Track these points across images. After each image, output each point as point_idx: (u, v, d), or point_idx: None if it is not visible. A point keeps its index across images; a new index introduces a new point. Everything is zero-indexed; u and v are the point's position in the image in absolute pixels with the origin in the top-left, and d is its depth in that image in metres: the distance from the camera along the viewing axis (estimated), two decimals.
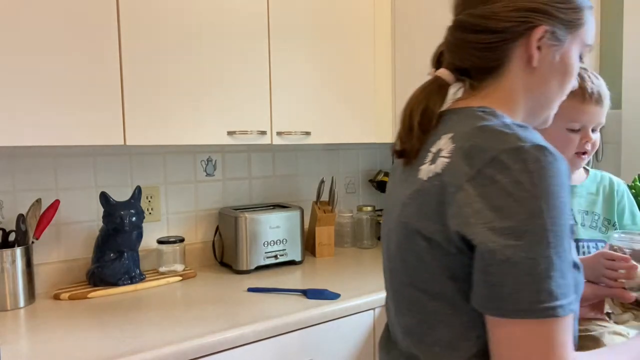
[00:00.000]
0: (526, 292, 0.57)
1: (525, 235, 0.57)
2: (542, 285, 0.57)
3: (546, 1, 0.70)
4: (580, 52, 0.75)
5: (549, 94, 0.75)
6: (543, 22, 0.69)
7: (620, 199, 1.09)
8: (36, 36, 1.19)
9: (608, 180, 1.11)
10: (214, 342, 1.13)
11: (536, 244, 0.57)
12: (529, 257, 0.57)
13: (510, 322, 0.59)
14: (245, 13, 1.51)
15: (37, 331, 1.18)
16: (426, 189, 0.67)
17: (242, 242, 1.68)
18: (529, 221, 0.57)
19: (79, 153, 1.57)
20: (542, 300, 0.57)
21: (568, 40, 0.72)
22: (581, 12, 0.73)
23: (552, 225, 0.58)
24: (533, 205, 0.58)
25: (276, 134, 1.60)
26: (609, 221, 1.08)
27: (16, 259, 1.36)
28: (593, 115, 1.03)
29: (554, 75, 0.73)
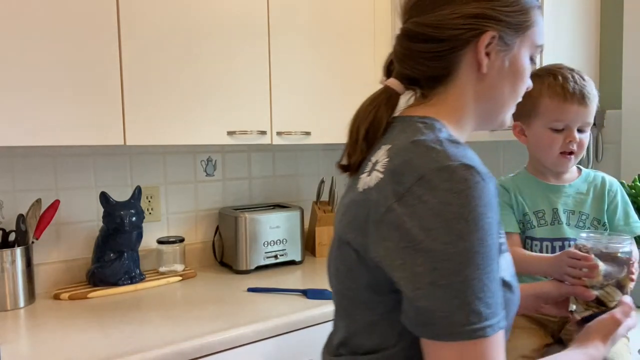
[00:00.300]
0: (455, 315, 0.57)
1: (454, 257, 0.57)
2: (471, 307, 0.57)
3: (492, 6, 0.68)
4: (531, 54, 0.74)
5: (501, 99, 0.74)
6: (490, 28, 0.68)
7: (612, 199, 1.08)
8: (36, 36, 1.19)
9: (600, 179, 1.10)
10: (214, 342, 1.13)
11: (464, 266, 0.57)
12: (457, 280, 0.57)
13: (442, 345, 0.59)
14: (245, 13, 1.51)
15: (37, 331, 1.18)
16: (359, 201, 0.66)
17: (242, 242, 1.68)
18: (457, 243, 0.57)
19: (79, 153, 1.57)
20: (471, 321, 0.57)
21: (517, 43, 0.71)
22: (528, 13, 0.71)
23: (479, 246, 0.57)
24: (460, 227, 0.57)
25: (276, 134, 1.60)
26: (599, 221, 1.07)
27: (16, 259, 1.36)
28: (576, 115, 1.03)
29: (505, 80, 0.72)
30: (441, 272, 0.57)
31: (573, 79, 1.03)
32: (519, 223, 1.11)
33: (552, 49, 1.43)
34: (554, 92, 1.03)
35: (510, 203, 1.11)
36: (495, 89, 0.72)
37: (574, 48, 1.53)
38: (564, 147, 1.04)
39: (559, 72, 1.04)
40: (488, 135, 1.54)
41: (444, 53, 0.69)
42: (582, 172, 1.12)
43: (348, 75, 1.74)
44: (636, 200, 1.27)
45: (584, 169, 1.13)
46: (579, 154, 1.06)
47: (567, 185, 1.10)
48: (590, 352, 0.77)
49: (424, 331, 0.60)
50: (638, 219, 1.08)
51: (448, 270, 0.57)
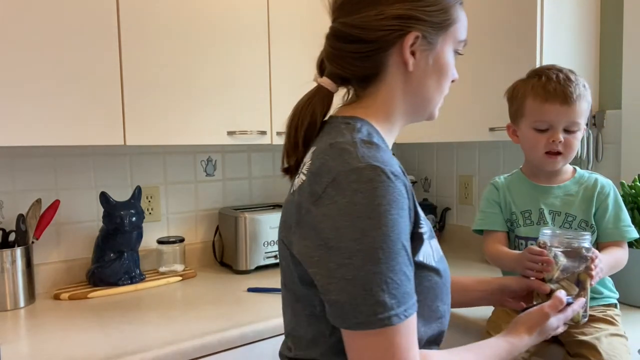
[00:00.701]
0: (363, 306, 0.62)
1: (359, 253, 0.61)
2: (376, 298, 0.61)
3: (415, 7, 0.70)
4: (455, 49, 0.77)
5: (427, 94, 0.77)
6: (413, 29, 0.71)
7: (602, 201, 1.07)
8: (36, 37, 1.19)
9: (593, 181, 1.09)
10: (214, 342, 1.13)
11: (367, 261, 0.61)
12: (361, 274, 0.61)
13: (354, 334, 0.64)
14: (245, 13, 1.51)
15: (37, 331, 1.18)
16: (289, 202, 0.72)
17: (242, 242, 1.68)
18: (362, 240, 0.61)
19: (79, 153, 1.57)
20: (377, 312, 0.61)
21: (440, 41, 0.74)
22: (449, 11, 0.73)
23: (382, 242, 0.62)
24: (364, 225, 0.61)
25: (276, 134, 1.60)
26: (587, 222, 1.07)
27: (16, 259, 1.36)
28: (557, 115, 1.02)
29: (430, 77, 0.75)
30: (348, 267, 0.62)
31: (557, 78, 1.02)
32: (506, 221, 1.14)
33: (552, 49, 1.43)
34: (536, 93, 1.04)
35: (499, 201, 1.15)
36: (422, 85, 0.75)
37: (574, 48, 1.53)
38: (548, 147, 1.04)
39: (545, 72, 1.05)
40: (488, 135, 1.54)
41: (371, 54, 0.72)
42: (576, 173, 1.11)
43: None
44: (636, 200, 1.27)
45: (580, 171, 1.12)
46: (567, 155, 1.06)
47: (555, 187, 1.10)
48: (513, 341, 0.81)
49: (338, 322, 0.65)
50: (631, 223, 1.08)
51: (354, 266, 0.62)
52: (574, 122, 1.03)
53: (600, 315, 1.04)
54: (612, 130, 1.59)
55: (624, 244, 1.07)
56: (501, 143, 1.89)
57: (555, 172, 1.11)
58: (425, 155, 2.20)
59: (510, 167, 1.89)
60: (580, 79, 1.04)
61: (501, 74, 1.51)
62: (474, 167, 2.01)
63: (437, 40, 0.73)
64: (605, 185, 1.09)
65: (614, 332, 0.99)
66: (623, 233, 1.06)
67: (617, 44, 1.58)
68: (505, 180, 1.17)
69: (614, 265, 1.03)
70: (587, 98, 1.03)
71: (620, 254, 1.05)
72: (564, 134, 1.03)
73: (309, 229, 0.66)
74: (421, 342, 0.72)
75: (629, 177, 1.48)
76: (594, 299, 1.07)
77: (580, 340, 0.98)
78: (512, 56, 1.47)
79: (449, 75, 0.77)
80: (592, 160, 1.62)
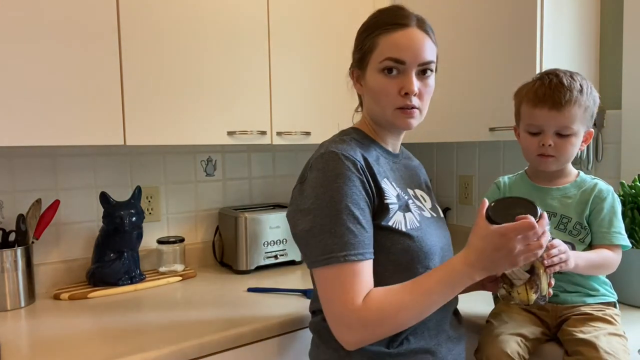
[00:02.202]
0: (314, 248, 0.88)
1: (314, 211, 0.88)
2: (323, 243, 0.86)
3: (352, 53, 1.03)
4: (382, 68, 0.94)
5: (373, 111, 1.01)
6: (351, 67, 1.04)
7: (597, 204, 1.08)
8: (36, 37, 1.19)
9: (592, 186, 1.10)
10: (214, 342, 1.13)
11: (319, 217, 0.87)
12: (315, 227, 0.87)
13: (314, 272, 0.90)
14: (245, 13, 1.51)
15: (37, 331, 1.18)
16: None
17: (242, 242, 1.68)
18: (315, 202, 0.88)
19: (79, 153, 1.57)
20: (323, 252, 0.86)
21: (368, 69, 0.98)
22: (363, 47, 0.98)
23: (329, 203, 0.87)
24: (317, 192, 0.89)
25: (276, 134, 1.60)
26: (581, 225, 1.08)
27: (16, 259, 1.36)
28: (547, 120, 1.04)
29: (368, 98, 1.00)
30: (307, 222, 0.89)
31: (549, 84, 1.04)
32: None
33: (552, 49, 1.43)
34: (528, 98, 1.07)
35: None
36: (368, 104, 1.02)
37: (574, 48, 1.53)
38: (539, 150, 1.07)
39: (542, 76, 1.07)
40: (488, 135, 1.54)
41: (353, 87, 1.06)
42: (578, 177, 1.12)
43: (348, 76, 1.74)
44: (636, 200, 1.27)
45: (583, 175, 1.13)
46: (560, 157, 1.07)
47: (554, 189, 1.12)
48: (449, 265, 0.88)
49: (306, 263, 0.91)
50: (623, 231, 1.08)
51: (310, 220, 0.88)
52: (565, 126, 1.04)
53: (600, 315, 1.04)
54: (612, 130, 1.59)
55: (617, 249, 1.07)
56: (501, 143, 1.90)
57: (557, 174, 1.12)
58: (425, 155, 2.20)
59: (510, 167, 1.89)
60: (575, 83, 1.03)
61: (501, 75, 1.51)
62: (474, 167, 2.01)
63: (365, 70, 0.98)
64: (603, 189, 1.09)
65: (613, 332, 1.00)
66: (613, 238, 1.06)
67: (617, 44, 1.58)
68: (508, 181, 1.20)
69: (598, 265, 1.04)
70: (581, 102, 1.03)
71: (608, 255, 1.05)
72: (557, 137, 1.05)
73: (293, 201, 0.95)
74: None
75: (629, 177, 1.48)
76: (590, 296, 1.08)
77: (579, 338, 0.98)
78: (512, 56, 1.47)
79: (377, 93, 0.96)
80: (592, 160, 1.62)
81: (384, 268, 0.92)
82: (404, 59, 0.93)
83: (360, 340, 0.87)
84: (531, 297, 0.93)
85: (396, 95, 0.94)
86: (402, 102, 0.94)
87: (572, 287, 1.09)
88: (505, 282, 0.95)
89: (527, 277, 0.93)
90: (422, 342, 0.94)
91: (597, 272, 1.07)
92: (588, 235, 1.08)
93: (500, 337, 1.01)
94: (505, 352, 0.98)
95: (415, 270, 0.93)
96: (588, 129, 1.08)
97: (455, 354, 0.99)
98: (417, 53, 0.93)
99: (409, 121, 0.96)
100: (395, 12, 0.97)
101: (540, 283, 0.92)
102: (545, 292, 0.94)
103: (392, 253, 0.92)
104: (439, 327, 0.97)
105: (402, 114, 0.95)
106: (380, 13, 1.00)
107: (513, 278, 0.94)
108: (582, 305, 1.07)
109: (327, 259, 0.85)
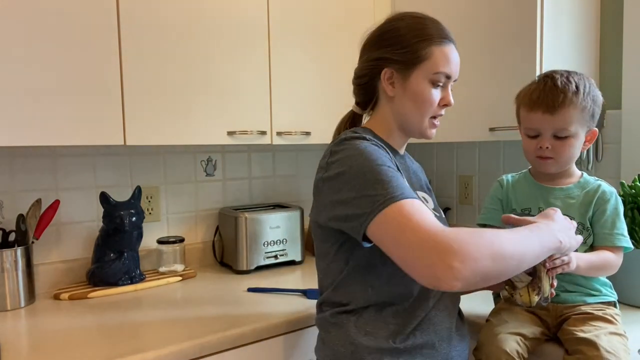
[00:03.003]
0: (365, 205, 0.83)
1: (354, 179, 0.87)
2: (373, 193, 0.83)
3: (387, 51, 0.98)
4: (431, 79, 0.97)
5: (407, 115, 1.01)
6: (386, 66, 0.99)
7: (600, 206, 1.08)
8: (36, 37, 1.19)
9: (596, 187, 1.10)
10: (214, 342, 1.13)
11: (359, 179, 0.86)
12: (359, 189, 0.85)
13: (372, 227, 0.82)
14: (245, 13, 1.51)
15: (37, 331, 1.18)
16: None
17: (242, 242, 1.68)
18: (351, 170, 0.88)
19: (79, 153, 1.57)
20: (377, 201, 0.82)
21: (413, 74, 0.97)
22: (418, 52, 0.96)
23: (364, 165, 0.87)
24: (351, 162, 0.89)
25: (276, 134, 1.60)
26: (583, 225, 1.08)
27: (16, 259, 1.36)
28: (541, 123, 1.05)
29: (407, 102, 0.99)
30: (351, 192, 0.86)
31: (544, 87, 1.05)
32: None
33: (552, 50, 1.43)
34: (524, 101, 1.09)
35: (501, 198, 1.19)
36: (402, 107, 1.01)
37: (574, 48, 1.53)
38: (537, 152, 1.08)
39: (540, 79, 1.08)
40: (488, 135, 1.54)
41: (364, 85, 1.04)
42: (582, 178, 1.12)
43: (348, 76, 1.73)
44: (636, 200, 1.27)
45: (587, 177, 1.13)
46: (560, 159, 1.07)
47: (557, 188, 1.12)
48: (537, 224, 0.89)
49: (356, 229, 0.85)
50: (626, 233, 1.08)
51: (353, 187, 0.86)
52: (561, 128, 1.04)
53: (600, 314, 1.04)
54: (612, 130, 1.59)
55: (618, 251, 1.07)
56: (501, 143, 1.90)
57: (560, 174, 1.12)
58: (425, 155, 2.20)
59: (510, 167, 1.89)
60: (570, 85, 1.03)
61: (501, 75, 1.51)
62: (474, 167, 2.01)
63: (409, 73, 0.97)
64: (607, 191, 1.09)
65: (613, 331, 1.00)
66: (615, 239, 1.06)
67: (617, 44, 1.58)
68: (512, 179, 1.20)
69: (599, 266, 1.04)
70: (576, 104, 1.03)
71: (609, 257, 1.05)
72: (554, 140, 1.05)
73: (322, 191, 0.94)
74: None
75: (629, 177, 1.48)
76: (590, 295, 1.08)
77: (579, 337, 0.98)
78: (512, 56, 1.47)
79: (424, 100, 0.98)
80: (592, 160, 1.62)
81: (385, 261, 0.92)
82: (452, 75, 1.00)
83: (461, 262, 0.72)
84: (533, 299, 0.94)
85: (437, 106, 1.00)
86: (438, 112, 1.01)
87: (573, 287, 1.09)
88: (508, 284, 0.96)
89: (529, 280, 0.93)
90: (427, 337, 0.95)
91: (597, 274, 1.08)
92: (590, 237, 1.08)
93: (500, 336, 1.01)
94: (504, 351, 0.98)
95: None
96: (590, 129, 1.07)
97: (460, 351, 1.00)
98: (457, 70, 1.01)
99: (434, 132, 1.04)
100: (438, 25, 1.01)
101: (542, 285, 0.93)
102: (548, 294, 0.94)
103: None
104: (444, 324, 0.98)
105: (432, 125, 1.03)
106: (427, 21, 1.00)
107: (515, 280, 0.94)
108: (582, 305, 1.07)
109: (385, 201, 0.81)
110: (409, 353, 0.93)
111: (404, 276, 0.86)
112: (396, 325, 0.94)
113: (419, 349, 0.94)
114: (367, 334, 0.93)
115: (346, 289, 0.98)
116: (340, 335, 0.96)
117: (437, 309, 0.98)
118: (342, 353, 0.95)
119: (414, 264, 0.76)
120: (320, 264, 1.04)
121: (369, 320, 0.95)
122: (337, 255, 0.98)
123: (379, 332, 0.93)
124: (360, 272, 0.96)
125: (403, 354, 0.92)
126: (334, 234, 0.96)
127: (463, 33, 1.61)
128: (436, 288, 0.75)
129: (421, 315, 0.96)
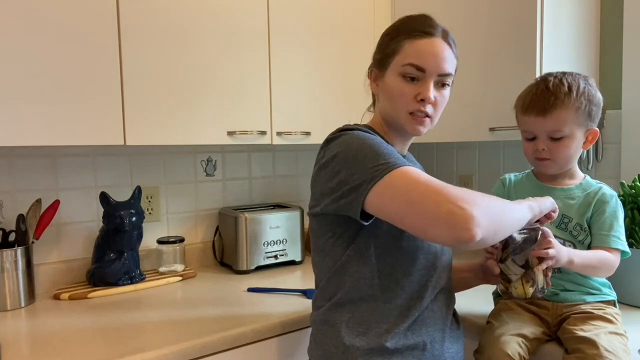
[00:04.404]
0: (364, 174, 0.85)
1: (351, 159, 0.89)
2: (373, 164, 0.85)
3: (374, 53, 1.04)
4: (401, 73, 0.96)
5: (387, 111, 1.02)
6: (371, 66, 1.05)
7: (599, 207, 1.08)
8: (36, 37, 1.19)
9: (597, 189, 1.10)
10: (214, 342, 1.13)
11: (357, 156, 0.88)
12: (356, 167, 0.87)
13: (372, 195, 0.84)
14: (245, 13, 1.51)
15: (37, 331, 1.18)
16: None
17: (242, 242, 1.68)
18: (348, 151, 0.90)
19: (79, 153, 1.57)
20: (377, 169, 0.84)
21: (388, 70, 0.99)
22: (386, 49, 0.99)
23: (360, 144, 0.90)
24: (347, 143, 0.91)
25: (276, 134, 1.60)
26: (581, 226, 1.09)
27: (16, 259, 1.36)
28: (535, 126, 1.06)
29: (384, 97, 1.01)
30: (348, 172, 0.88)
31: (536, 90, 1.06)
32: None
33: (552, 49, 1.43)
34: (518, 105, 1.11)
35: (502, 196, 1.18)
36: (382, 104, 1.03)
37: (574, 48, 1.53)
38: (535, 154, 1.09)
39: (535, 82, 1.09)
40: (488, 135, 1.54)
41: (370, 87, 1.08)
42: (584, 180, 1.13)
43: (348, 76, 1.74)
44: (636, 200, 1.27)
45: (589, 179, 1.14)
46: (558, 160, 1.07)
47: (558, 189, 1.12)
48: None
49: (354, 206, 0.87)
50: (623, 237, 1.08)
51: (350, 165, 0.88)
52: (555, 130, 1.04)
53: (600, 314, 1.04)
54: (612, 130, 1.59)
55: (615, 252, 1.07)
56: (501, 143, 1.90)
57: (562, 174, 1.13)
58: (425, 155, 2.20)
59: (510, 166, 1.89)
60: (563, 87, 1.03)
61: (501, 75, 1.51)
62: (474, 167, 2.01)
63: (384, 70, 1.00)
64: (607, 194, 1.09)
65: (613, 331, 1.00)
66: (611, 241, 1.06)
67: (617, 44, 1.58)
68: (514, 178, 1.21)
69: (594, 265, 1.04)
70: (568, 105, 1.03)
71: (605, 257, 1.05)
72: (550, 141, 1.06)
73: (319, 177, 0.96)
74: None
75: (629, 177, 1.48)
76: (590, 294, 1.08)
77: (579, 336, 0.98)
78: (512, 56, 1.47)
79: (394, 95, 0.98)
80: (592, 160, 1.62)
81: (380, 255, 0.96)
82: (425, 67, 0.95)
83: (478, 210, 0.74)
84: (528, 290, 0.96)
85: (412, 99, 0.96)
86: (415, 107, 0.96)
87: (572, 286, 1.09)
88: (503, 278, 0.98)
89: (522, 272, 0.96)
90: (419, 338, 0.95)
91: (594, 273, 1.07)
92: (588, 237, 1.09)
93: (502, 338, 1.01)
94: (506, 353, 0.98)
95: (417, 259, 0.97)
96: (588, 129, 1.07)
97: (453, 352, 1.00)
98: (438, 63, 0.95)
99: (419, 128, 0.99)
100: (423, 20, 0.99)
101: (535, 276, 0.95)
102: (543, 284, 0.96)
103: (404, 239, 0.95)
104: (437, 325, 0.98)
105: (413, 119, 0.98)
106: (408, 19, 1.01)
107: (509, 273, 0.97)
108: (582, 304, 1.07)
109: (387, 168, 0.84)
110: (400, 353, 0.92)
111: (398, 272, 0.93)
112: (388, 324, 0.94)
113: (410, 350, 0.93)
114: (359, 335, 0.93)
115: (339, 279, 0.97)
116: (331, 335, 0.95)
117: (431, 310, 0.98)
118: (333, 353, 0.94)
119: (431, 217, 0.76)
120: (315, 258, 1.04)
121: (361, 320, 0.95)
122: (332, 248, 0.98)
123: (370, 332, 0.93)
124: (354, 263, 0.96)
125: (394, 354, 0.92)
126: (331, 225, 0.97)
127: (463, 33, 1.61)
128: (456, 240, 0.74)
129: (414, 315, 0.95)
